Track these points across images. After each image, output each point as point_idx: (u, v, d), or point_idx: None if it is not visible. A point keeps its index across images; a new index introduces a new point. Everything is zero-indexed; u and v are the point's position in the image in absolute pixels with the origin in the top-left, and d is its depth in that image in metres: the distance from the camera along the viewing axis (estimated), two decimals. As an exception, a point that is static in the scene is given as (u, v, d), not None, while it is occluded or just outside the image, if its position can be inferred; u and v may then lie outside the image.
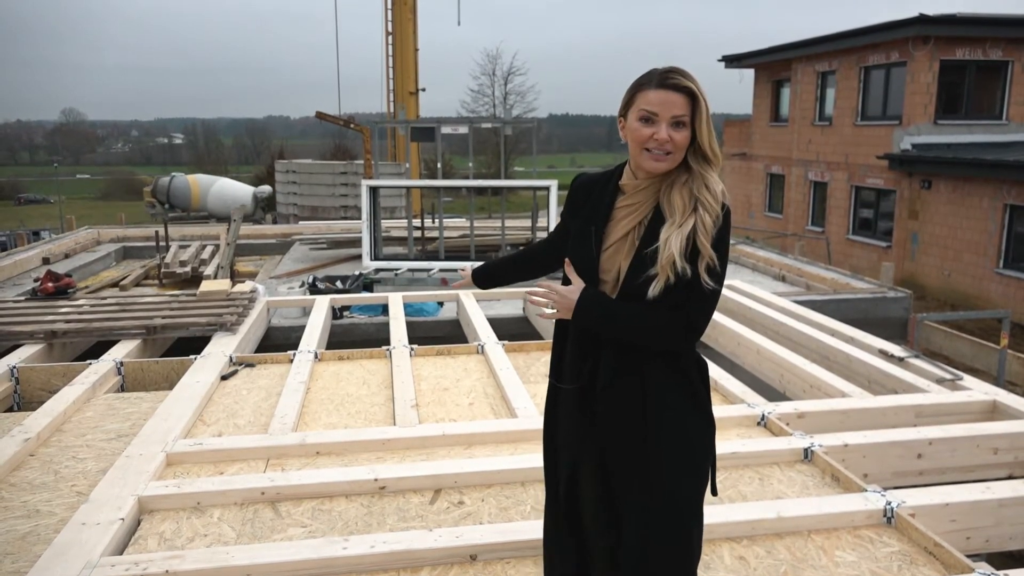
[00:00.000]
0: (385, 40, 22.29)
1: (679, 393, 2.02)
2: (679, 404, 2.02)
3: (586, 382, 2.07)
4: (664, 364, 2.01)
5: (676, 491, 2.00)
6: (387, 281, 9.19)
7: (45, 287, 7.32)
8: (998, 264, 14.67)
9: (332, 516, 3.04)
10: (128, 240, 12.81)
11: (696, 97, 1.92)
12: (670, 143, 1.93)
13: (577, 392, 2.09)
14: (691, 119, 1.93)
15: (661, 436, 1.99)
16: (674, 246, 1.91)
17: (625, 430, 2.02)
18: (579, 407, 2.10)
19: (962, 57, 16.50)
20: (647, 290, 1.93)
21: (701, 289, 1.92)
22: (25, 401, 4.81)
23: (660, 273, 1.92)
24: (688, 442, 2.02)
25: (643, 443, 2.00)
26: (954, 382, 4.54)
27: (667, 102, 1.92)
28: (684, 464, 2.02)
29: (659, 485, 1.99)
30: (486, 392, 4.53)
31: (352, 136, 30.60)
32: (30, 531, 2.97)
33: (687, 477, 2.02)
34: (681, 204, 1.95)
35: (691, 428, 2.03)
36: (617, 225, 2.04)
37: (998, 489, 3.17)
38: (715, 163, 1.97)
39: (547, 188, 10.01)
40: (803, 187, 20.99)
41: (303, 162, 24.25)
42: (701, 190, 1.95)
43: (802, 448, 3.55)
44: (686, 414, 2.03)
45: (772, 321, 6.04)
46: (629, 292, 1.98)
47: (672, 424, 2.00)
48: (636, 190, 2.03)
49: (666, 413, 2.00)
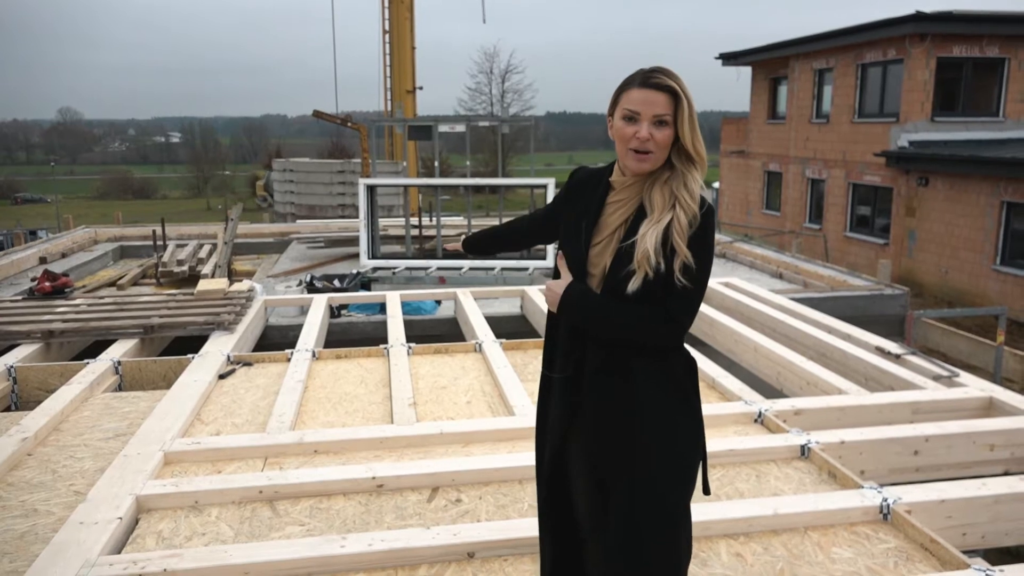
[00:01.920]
0: (382, 38, 22.28)
1: (665, 390, 2.03)
2: (665, 401, 2.02)
3: (573, 372, 2.10)
4: (651, 361, 2.02)
5: (663, 490, 2.00)
6: (385, 280, 9.19)
7: (42, 286, 7.31)
8: (995, 261, 14.70)
9: (330, 514, 3.05)
10: (125, 239, 12.79)
11: (679, 96, 1.94)
12: (651, 142, 1.95)
13: (566, 382, 2.12)
14: (674, 118, 1.95)
15: (647, 433, 2.00)
16: (648, 242, 1.93)
17: (611, 426, 2.03)
18: (567, 397, 2.12)
19: (959, 54, 16.52)
20: (626, 285, 1.96)
21: (677, 286, 1.94)
22: (23, 400, 4.81)
23: (638, 268, 1.94)
24: (675, 440, 2.02)
25: (630, 440, 2.00)
26: (951, 379, 4.55)
27: (649, 101, 1.94)
28: (671, 462, 2.02)
29: (645, 483, 1.99)
30: (484, 390, 4.54)
31: (349, 135, 30.60)
32: (28, 530, 2.97)
33: (674, 475, 2.02)
34: (661, 201, 1.98)
35: (679, 426, 2.04)
36: (606, 221, 2.07)
37: (994, 485, 3.18)
38: (699, 163, 1.99)
39: (544, 186, 10.02)
40: (800, 184, 21.02)
41: (300, 161, 24.23)
42: (680, 188, 1.97)
43: (799, 445, 3.56)
44: (673, 412, 2.03)
45: (769, 318, 6.05)
46: (612, 287, 2.00)
47: (658, 421, 2.00)
48: (623, 187, 2.06)
49: (652, 410, 2.00)
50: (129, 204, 49.81)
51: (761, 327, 5.96)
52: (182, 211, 45.67)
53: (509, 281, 8.93)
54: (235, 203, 17.12)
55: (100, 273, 10.88)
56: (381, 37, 22.29)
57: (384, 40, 22.21)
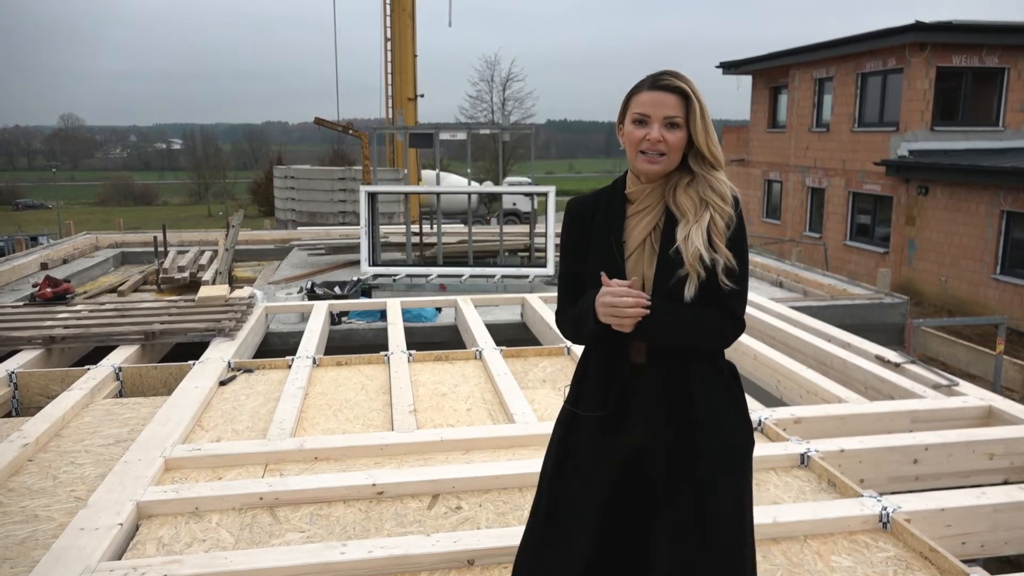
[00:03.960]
0: (384, 46, 22.32)
1: (723, 394, 2.00)
2: (722, 404, 2.00)
3: (614, 408, 2.00)
4: (707, 366, 1.99)
5: (726, 495, 1.97)
6: (385, 287, 9.20)
7: (43, 292, 7.32)
8: (995, 270, 14.70)
9: (330, 521, 3.05)
10: (126, 245, 12.80)
11: (689, 97, 1.91)
12: (663, 143, 1.91)
13: (601, 418, 2.02)
14: (686, 120, 1.92)
15: (708, 438, 1.95)
16: (697, 241, 1.89)
17: (670, 436, 1.96)
18: (605, 432, 2.02)
19: (958, 64, 16.56)
20: (681, 292, 1.91)
21: (725, 287, 1.92)
22: (24, 406, 4.81)
23: (690, 272, 1.90)
24: (734, 447, 2.00)
25: (692, 449, 1.95)
26: (950, 388, 4.55)
27: (658, 102, 1.92)
28: (732, 471, 1.99)
29: (708, 490, 1.95)
30: (484, 397, 4.54)
31: (351, 142, 30.63)
32: (28, 536, 2.97)
33: (734, 481, 2.00)
34: (691, 204, 1.94)
35: (735, 429, 2.02)
36: (632, 233, 2.00)
37: (993, 494, 3.18)
38: (717, 165, 1.95)
39: (545, 194, 10.03)
40: (801, 193, 21.04)
41: (302, 168, 24.29)
42: (707, 192, 1.94)
43: (799, 453, 3.56)
44: (730, 415, 2.01)
45: (769, 327, 6.06)
46: (662, 296, 1.94)
47: (717, 425, 1.97)
48: (643, 195, 2.01)
49: (711, 414, 1.96)
50: (130, 210, 49.85)
51: (761, 335, 5.97)
52: (183, 217, 45.75)
53: (510, 288, 8.93)
54: (236, 210, 17.12)
55: (101, 279, 10.89)
56: (383, 45, 22.34)
57: (386, 48, 22.25)
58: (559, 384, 4.78)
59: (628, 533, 2.06)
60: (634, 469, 2.02)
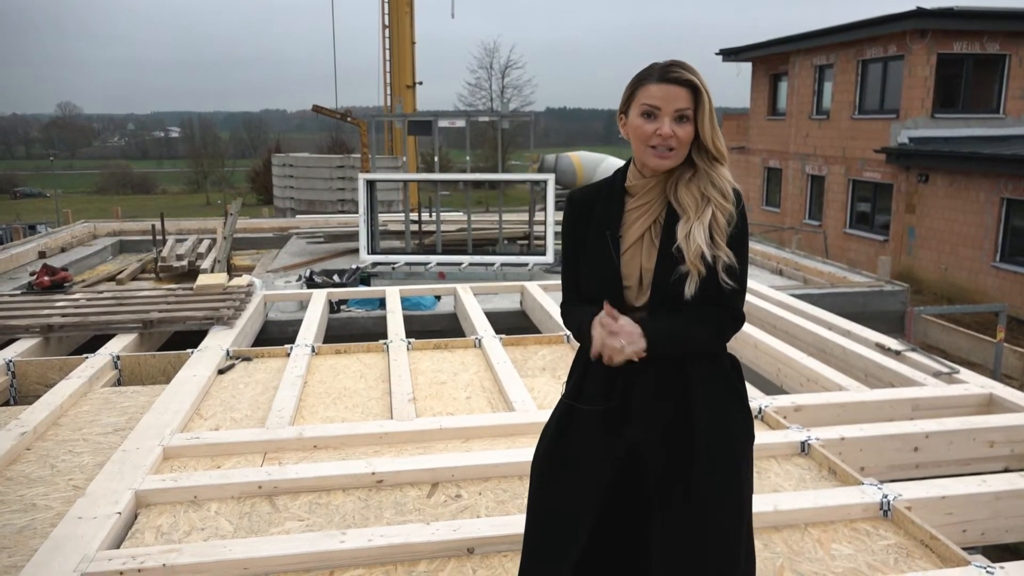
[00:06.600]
0: (382, 33, 22.21)
1: (723, 387, 1.98)
2: (722, 397, 1.97)
3: (617, 403, 1.97)
4: (708, 364, 1.97)
5: (723, 488, 1.95)
6: (384, 275, 9.18)
7: (41, 281, 7.30)
8: (995, 258, 14.68)
9: (329, 510, 3.04)
10: (125, 234, 12.78)
11: (699, 90, 1.87)
12: (674, 138, 1.87)
13: (602, 412, 2.00)
14: (694, 114, 1.88)
15: (706, 432, 1.93)
16: (699, 238, 1.86)
17: (668, 431, 1.94)
18: (606, 427, 2.00)
19: (959, 51, 16.49)
20: (681, 289, 1.88)
21: (726, 284, 1.90)
22: (21, 395, 4.80)
23: (691, 269, 1.87)
24: (731, 439, 1.97)
25: (688, 443, 1.92)
26: (950, 375, 4.54)
27: (669, 96, 1.86)
28: (729, 464, 1.96)
29: (708, 487, 1.93)
30: (483, 386, 4.53)
31: (349, 130, 30.53)
32: (26, 525, 2.96)
33: (733, 478, 1.97)
34: (693, 200, 1.90)
35: (735, 422, 1.99)
36: (631, 228, 1.97)
37: (994, 482, 3.18)
38: (721, 160, 1.92)
39: (544, 181, 10.00)
40: (800, 181, 20.99)
41: (300, 156, 24.18)
42: (708, 188, 1.90)
43: (799, 441, 3.55)
44: (729, 408, 1.98)
45: (769, 315, 6.05)
46: (662, 293, 1.91)
47: (718, 420, 1.94)
48: (645, 189, 1.97)
49: (711, 410, 1.94)
50: (128, 199, 49.75)
51: (761, 323, 5.95)
52: (181, 206, 45.61)
53: (509, 277, 8.92)
54: (234, 198, 17.10)
55: (99, 268, 10.87)
56: (381, 32, 22.23)
57: (384, 35, 22.14)
58: (559, 372, 4.77)
59: (625, 526, 2.06)
60: (632, 463, 2.00)
